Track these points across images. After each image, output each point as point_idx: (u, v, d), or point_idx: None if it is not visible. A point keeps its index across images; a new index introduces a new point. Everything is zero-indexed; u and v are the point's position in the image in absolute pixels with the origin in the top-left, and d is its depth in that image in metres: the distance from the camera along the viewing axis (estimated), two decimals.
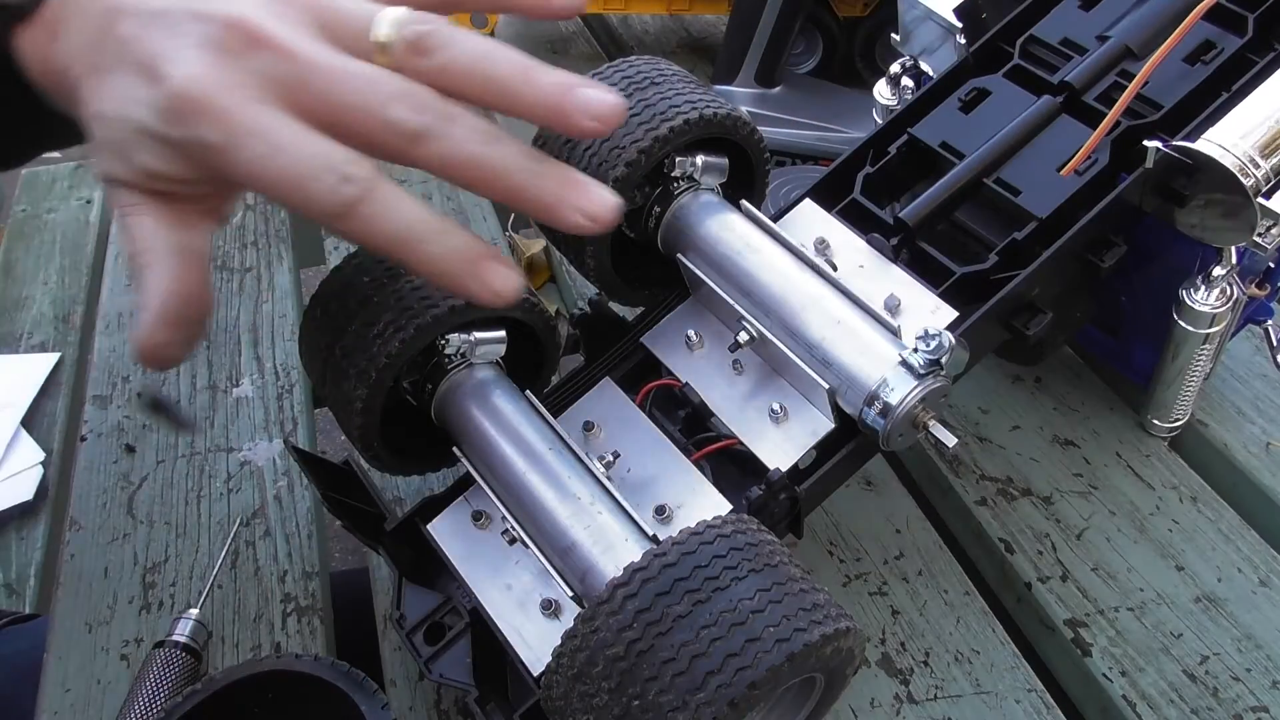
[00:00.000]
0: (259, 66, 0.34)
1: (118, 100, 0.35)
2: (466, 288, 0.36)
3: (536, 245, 0.92)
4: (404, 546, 0.48)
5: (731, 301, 0.47)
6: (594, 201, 0.36)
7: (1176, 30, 0.47)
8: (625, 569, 0.35)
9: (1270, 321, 0.59)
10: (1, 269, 0.87)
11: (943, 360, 0.42)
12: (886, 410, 0.43)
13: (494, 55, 0.36)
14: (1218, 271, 0.51)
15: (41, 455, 0.71)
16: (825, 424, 0.46)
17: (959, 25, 0.57)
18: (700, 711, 0.32)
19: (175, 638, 0.49)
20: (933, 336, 0.42)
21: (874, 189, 0.51)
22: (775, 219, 0.51)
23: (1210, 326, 0.52)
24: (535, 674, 0.42)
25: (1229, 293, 0.51)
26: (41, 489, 0.70)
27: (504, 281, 0.36)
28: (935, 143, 0.52)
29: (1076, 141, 0.49)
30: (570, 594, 0.40)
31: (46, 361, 0.78)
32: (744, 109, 0.56)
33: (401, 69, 0.35)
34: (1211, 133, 0.47)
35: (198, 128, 0.34)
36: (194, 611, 0.51)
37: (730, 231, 0.48)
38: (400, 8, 0.36)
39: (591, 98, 0.35)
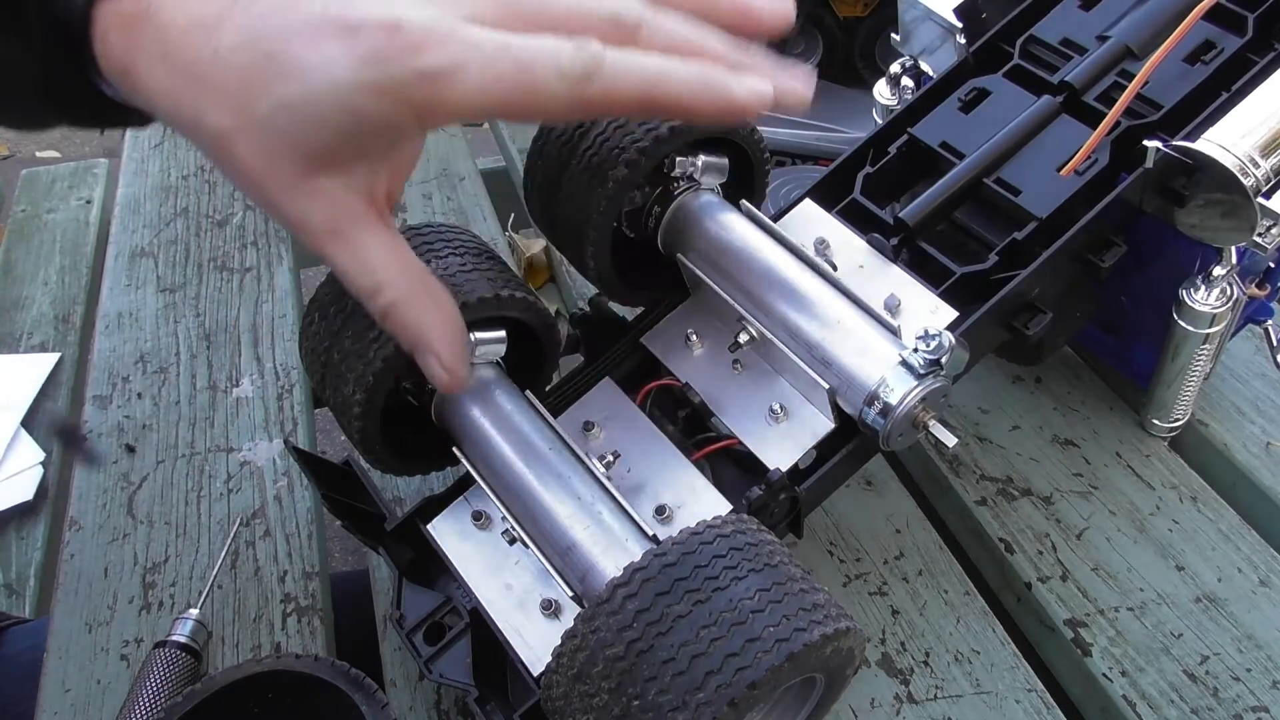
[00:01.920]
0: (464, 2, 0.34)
1: (310, 71, 0.33)
2: (730, 99, 0.36)
3: (537, 245, 0.92)
4: (404, 546, 0.48)
5: (731, 301, 0.47)
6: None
7: (1176, 30, 0.47)
8: (625, 569, 0.35)
9: (1270, 321, 0.59)
10: (1, 269, 0.87)
11: (942, 360, 0.42)
12: (886, 410, 0.43)
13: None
14: (1218, 271, 0.51)
15: (41, 455, 0.71)
16: (825, 424, 0.46)
17: (959, 25, 0.57)
18: (700, 711, 0.32)
19: (175, 638, 0.49)
20: (932, 336, 0.42)
21: (874, 189, 0.52)
22: (775, 219, 0.51)
23: (1210, 326, 0.52)
24: (535, 674, 0.42)
25: (1229, 293, 0.51)
26: (41, 489, 0.70)
27: (757, 82, 0.37)
28: (935, 143, 0.52)
29: (1076, 141, 0.49)
30: (570, 594, 0.40)
31: (46, 361, 0.78)
32: None
33: None
34: (1211, 132, 0.47)
35: (416, 59, 0.33)
36: (194, 611, 0.51)
37: (730, 231, 0.48)
38: None
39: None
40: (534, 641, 0.43)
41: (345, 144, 0.35)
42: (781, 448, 0.46)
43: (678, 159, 0.47)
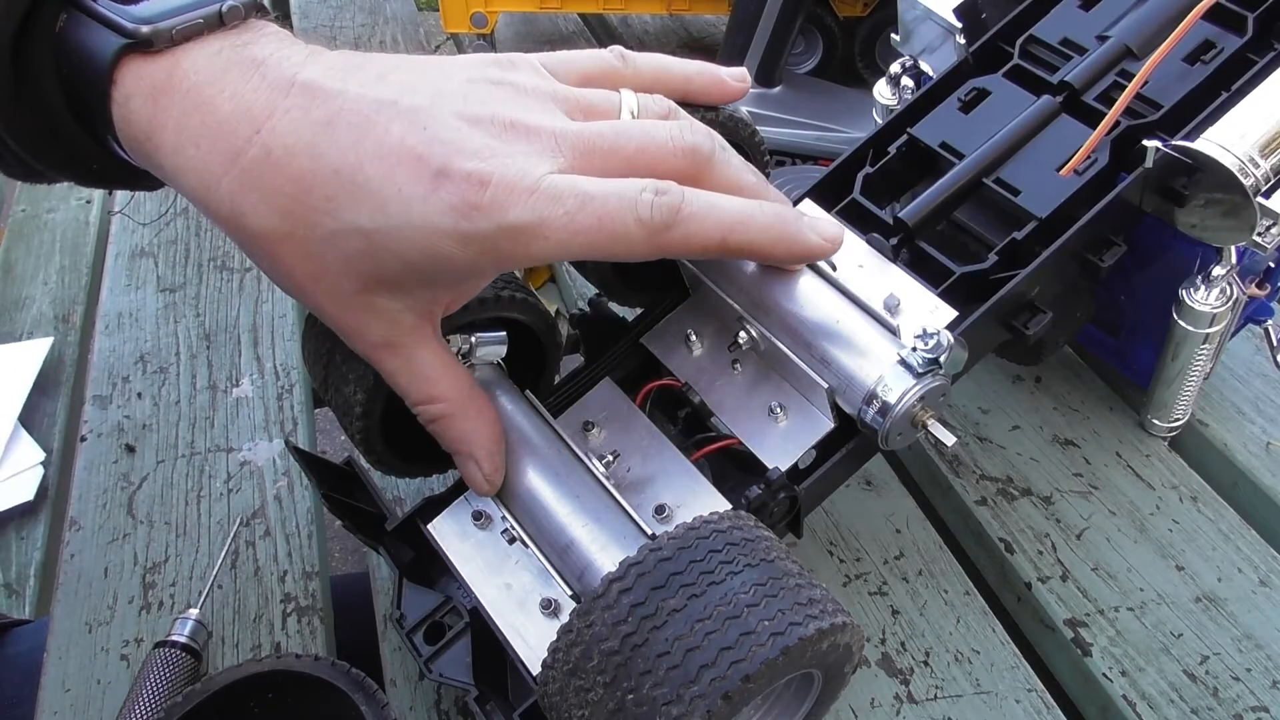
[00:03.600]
0: (537, 148, 0.34)
1: (390, 203, 0.33)
2: (806, 245, 0.40)
3: None
4: (404, 546, 0.48)
5: (731, 301, 0.47)
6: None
7: (1176, 30, 0.47)
8: (621, 564, 0.35)
9: (1270, 321, 0.59)
10: (1, 269, 0.87)
11: (941, 359, 0.42)
12: (885, 409, 0.43)
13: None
14: (1218, 271, 0.51)
15: (41, 455, 0.71)
16: (825, 424, 0.46)
17: (959, 25, 0.57)
18: (694, 704, 0.32)
19: (175, 638, 0.49)
20: (931, 335, 0.42)
21: (874, 189, 0.52)
22: None
23: (1210, 326, 0.52)
24: (535, 673, 0.42)
25: (1229, 292, 0.51)
26: (41, 489, 0.70)
27: (827, 226, 0.40)
28: (935, 143, 0.52)
29: (1076, 141, 0.49)
30: (569, 592, 0.40)
31: (40, 347, 0.77)
32: (744, 109, 0.56)
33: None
34: (1211, 132, 0.47)
35: (503, 215, 0.33)
36: (194, 611, 0.51)
37: None
38: (629, 91, 0.38)
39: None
40: (534, 641, 0.43)
41: (415, 276, 0.35)
42: (781, 447, 0.46)
43: None
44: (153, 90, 0.34)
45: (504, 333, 0.46)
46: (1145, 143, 0.47)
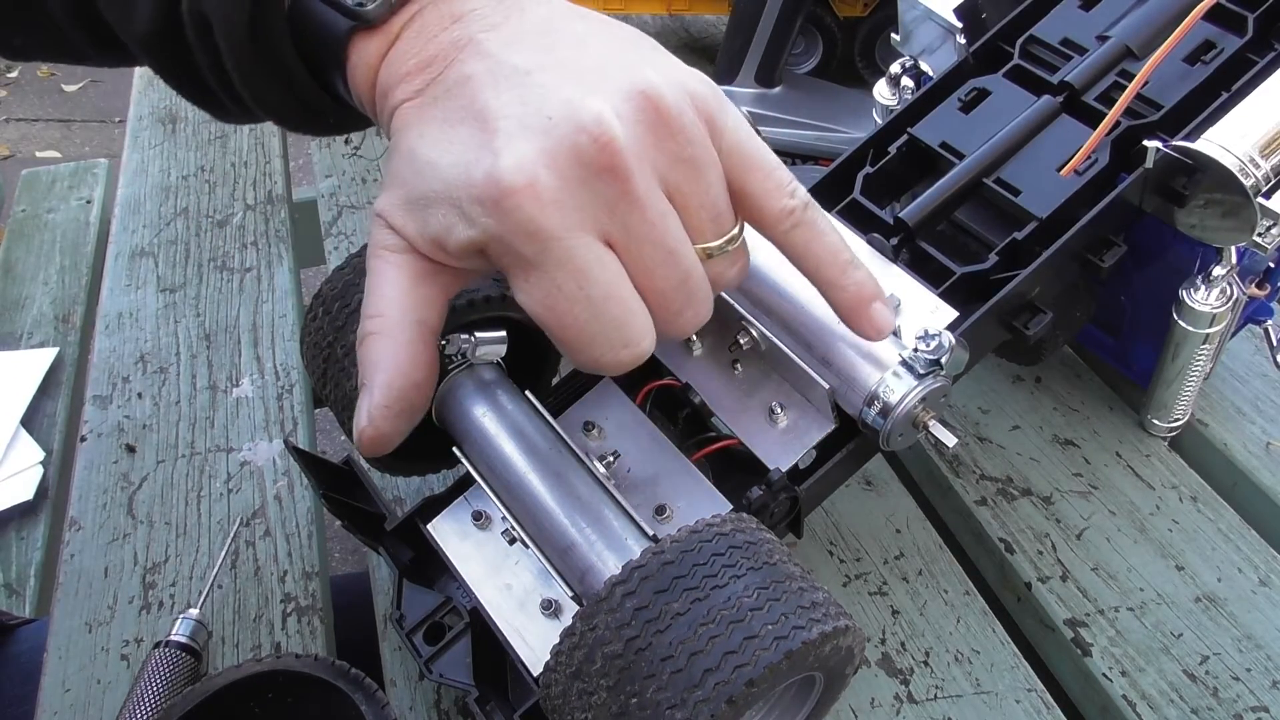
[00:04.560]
0: (600, 192, 0.33)
1: (443, 157, 0.33)
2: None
3: None
4: (404, 546, 0.48)
5: (732, 301, 0.47)
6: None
7: (1176, 30, 0.47)
8: (624, 567, 0.35)
9: (1270, 321, 0.59)
10: (1, 269, 0.87)
11: (943, 360, 0.42)
12: (886, 410, 0.43)
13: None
14: (1218, 271, 0.51)
15: (41, 455, 0.71)
16: (825, 424, 0.46)
17: (959, 25, 0.57)
18: (698, 709, 0.32)
19: (175, 638, 0.49)
20: (933, 336, 0.42)
21: (874, 189, 0.52)
22: None
23: (1210, 326, 0.52)
24: (535, 674, 0.42)
25: (1229, 292, 0.51)
26: (41, 489, 0.70)
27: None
28: (935, 143, 0.52)
29: (1076, 141, 0.49)
30: (570, 593, 0.40)
31: (45, 357, 0.78)
32: (745, 109, 0.56)
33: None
34: (1211, 132, 0.47)
35: (511, 229, 0.32)
36: (194, 611, 0.51)
37: None
38: (736, 227, 0.37)
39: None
40: (534, 641, 0.43)
41: (430, 216, 0.35)
42: (781, 448, 0.46)
43: None
44: (377, 51, 0.36)
45: (504, 332, 0.46)
46: (1145, 143, 0.47)
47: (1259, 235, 0.47)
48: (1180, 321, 0.52)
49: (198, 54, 0.38)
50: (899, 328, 0.44)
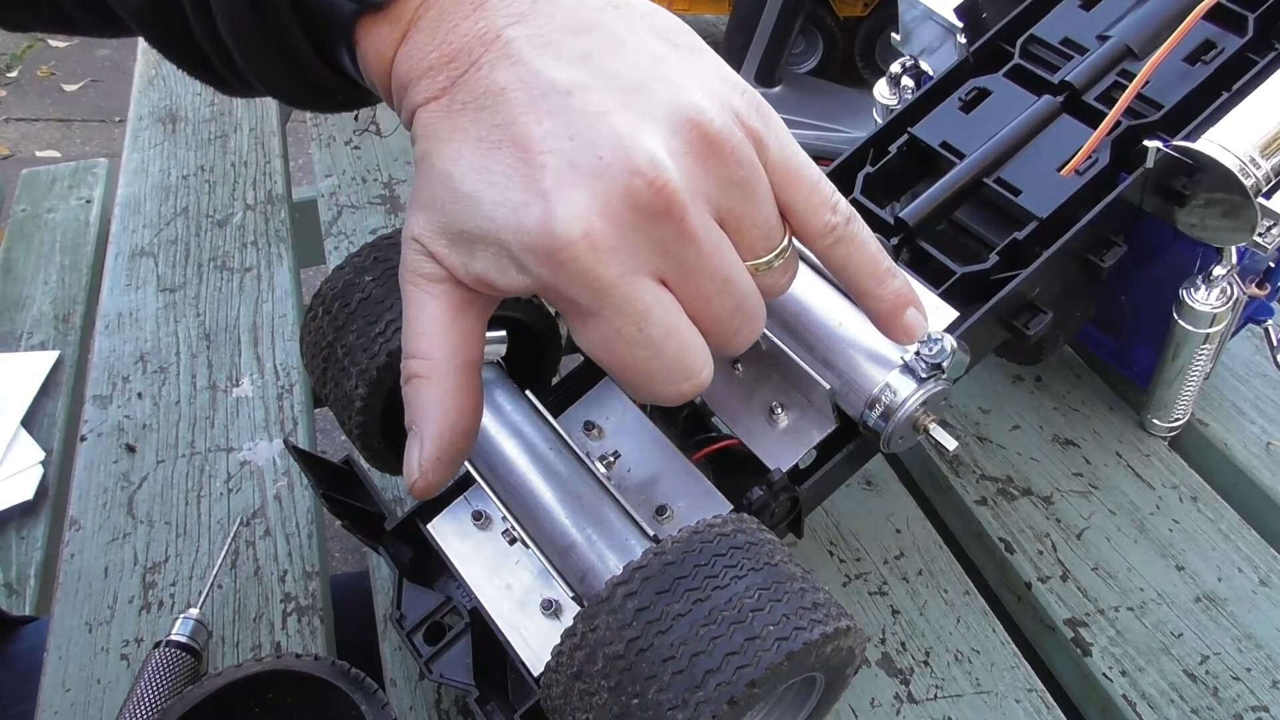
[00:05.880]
0: (655, 235, 0.32)
1: (486, 192, 0.32)
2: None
3: None
4: (404, 546, 0.48)
5: None
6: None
7: (1177, 30, 0.47)
8: (625, 567, 0.35)
9: (1270, 321, 0.59)
10: (1, 269, 0.87)
11: (944, 364, 0.42)
12: (888, 413, 0.43)
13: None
14: (1218, 271, 0.51)
15: (41, 455, 0.71)
16: (825, 424, 0.46)
17: (959, 25, 0.57)
18: (699, 710, 0.32)
19: (175, 638, 0.49)
20: (935, 340, 0.42)
21: (874, 189, 0.52)
22: None
23: (1210, 326, 0.52)
24: (535, 674, 0.42)
25: (1229, 292, 0.51)
26: (41, 489, 0.70)
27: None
28: (935, 142, 0.52)
29: (1077, 141, 0.49)
30: (570, 594, 0.40)
31: (46, 360, 0.78)
32: None
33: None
34: (1212, 132, 0.47)
35: (568, 282, 0.31)
36: (194, 611, 0.51)
37: None
38: (786, 239, 0.36)
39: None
40: (534, 641, 0.43)
41: (471, 251, 0.34)
42: (782, 448, 0.46)
43: None
44: (390, 39, 0.35)
45: (504, 332, 0.46)
46: (1146, 143, 0.47)
47: (1259, 235, 0.47)
48: (1180, 321, 0.52)
49: (195, 28, 0.37)
50: None
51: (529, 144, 0.32)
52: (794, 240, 0.37)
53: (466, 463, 0.45)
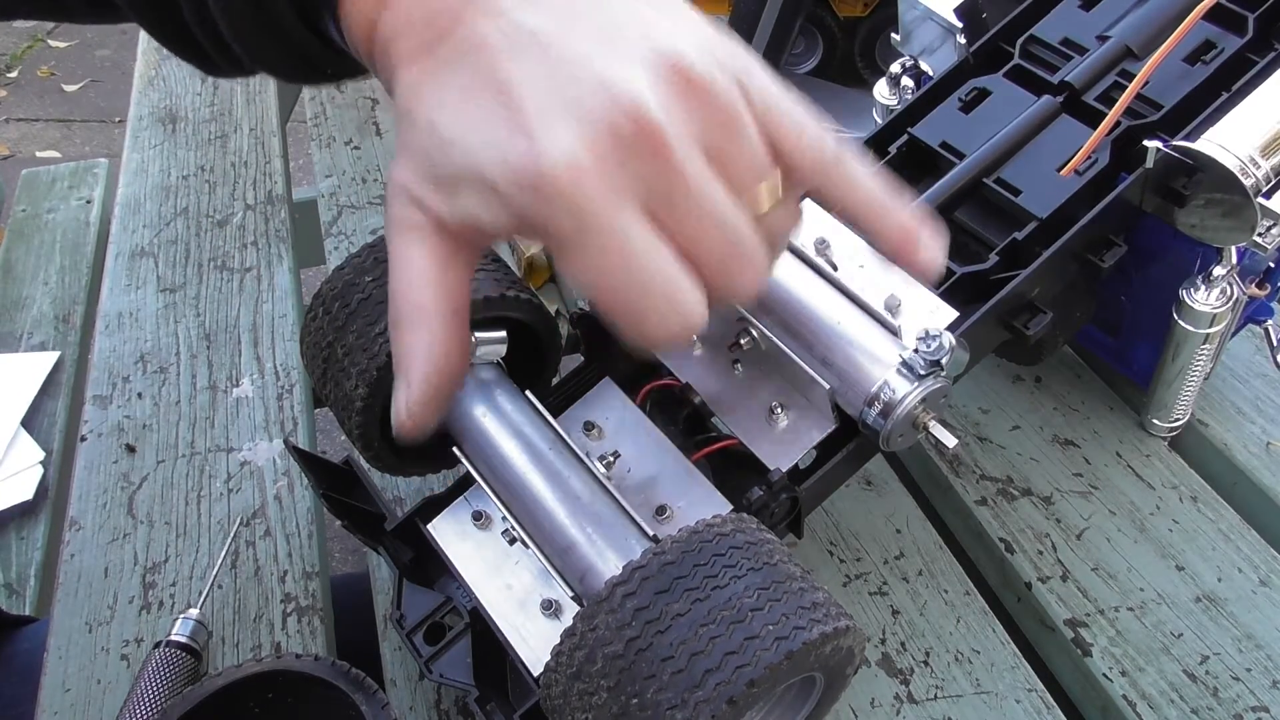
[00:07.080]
0: (640, 169, 0.32)
1: (470, 135, 0.32)
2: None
3: (536, 245, 0.92)
4: (404, 546, 0.48)
5: None
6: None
7: (1177, 30, 0.47)
8: (625, 567, 0.35)
9: (1270, 321, 0.59)
10: (1, 269, 0.87)
11: (943, 361, 0.42)
12: (887, 411, 0.43)
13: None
14: (1218, 271, 0.51)
15: (41, 455, 0.71)
16: (825, 424, 0.46)
17: (959, 25, 0.57)
18: (699, 709, 0.32)
19: (175, 638, 0.49)
20: (933, 337, 0.42)
21: None
22: None
23: (1210, 326, 0.52)
24: (535, 674, 0.42)
25: (1229, 292, 0.51)
26: (41, 489, 0.70)
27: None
28: (935, 143, 0.52)
29: (1076, 141, 0.49)
30: (570, 594, 0.40)
31: (46, 360, 0.78)
32: None
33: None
34: (1212, 133, 0.47)
35: (553, 212, 0.32)
36: (194, 611, 0.51)
37: None
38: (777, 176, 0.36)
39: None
40: (534, 641, 0.43)
41: (456, 192, 0.34)
42: (781, 448, 0.46)
43: None
44: (375, 4, 0.35)
45: (504, 332, 0.46)
46: (1146, 143, 0.47)
47: (1259, 235, 0.47)
48: (1180, 321, 0.52)
49: (183, 5, 0.37)
50: (900, 328, 0.44)
51: (511, 88, 0.32)
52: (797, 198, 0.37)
53: (466, 463, 0.45)
